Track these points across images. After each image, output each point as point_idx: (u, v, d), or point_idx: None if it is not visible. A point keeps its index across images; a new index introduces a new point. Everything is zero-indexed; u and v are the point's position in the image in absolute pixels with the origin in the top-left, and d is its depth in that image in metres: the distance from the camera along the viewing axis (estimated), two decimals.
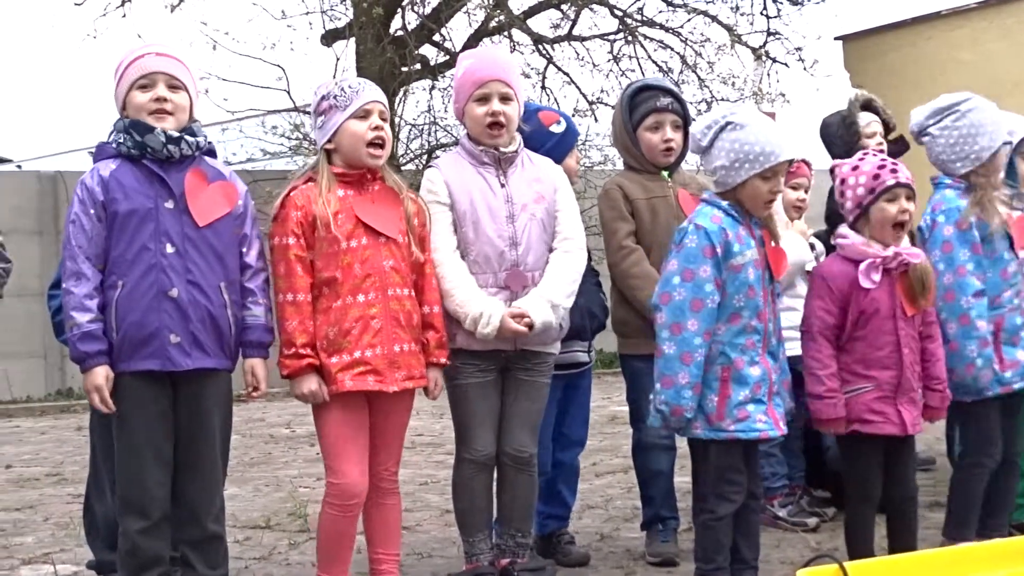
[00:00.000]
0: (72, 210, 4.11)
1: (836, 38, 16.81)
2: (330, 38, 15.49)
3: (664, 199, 5.14)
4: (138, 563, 4.11)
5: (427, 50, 15.70)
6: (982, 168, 4.83)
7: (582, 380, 5.21)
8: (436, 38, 15.69)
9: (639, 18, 15.97)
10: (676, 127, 5.21)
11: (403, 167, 14.14)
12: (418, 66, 15.36)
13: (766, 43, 16.22)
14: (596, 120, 15.88)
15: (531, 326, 4.51)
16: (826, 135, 6.39)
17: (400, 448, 4.54)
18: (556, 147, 5.03)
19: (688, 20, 16.24)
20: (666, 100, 5.23)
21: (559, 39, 16.11)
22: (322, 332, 4.28)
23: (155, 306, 4.05)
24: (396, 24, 15.28)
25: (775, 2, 16.14)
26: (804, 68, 16.25)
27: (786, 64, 16.34)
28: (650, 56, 16.05)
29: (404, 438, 4.57)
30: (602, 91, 16.22)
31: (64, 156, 18.96)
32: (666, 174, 5.23)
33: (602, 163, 15.24)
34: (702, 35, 16.25)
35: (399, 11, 15.21)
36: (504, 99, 4.63)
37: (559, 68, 16.18)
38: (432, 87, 15.84)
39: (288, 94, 14.54)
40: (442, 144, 15.08)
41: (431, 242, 4.53)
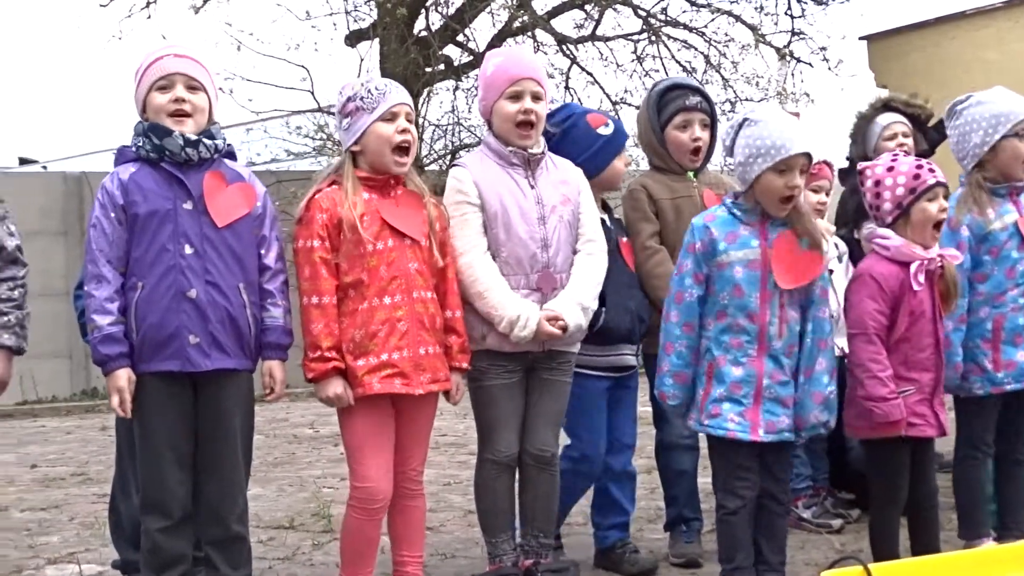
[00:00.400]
0: (93, 214, 4.12)
1: (861, 38, 16.74)
2: (354, 39, 15.52)
3: (689, 199, 5.13)
4: (160, 562, 4.12)
5: (451, 50, 15.72)
6: (990, 163, 4.83)
7: (630, 382, 5.14)
8: (460, 38, 15.70)
9: (663, 18, 15.96)
10: (704, 126, 5.22)
11: (427, 167, 14.15)
12: (442, 66, 15.38)
13: (790, 43, 16.20)
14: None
15: (565, 328, 4.52)
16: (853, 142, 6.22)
17: (425, 450, 4.53)
18: (603, 149, 4.99)
19: (712, 20, 16.25)
20: (695, 99, 5.24)
21: (583, 39, 16.11)
22: (348, 335, 4.26)
23: (174, 307, 4.06)
24: (420, 25, 15.31)
25: (799, 2, 16.14)
26: (829, 68, 16.27)
27: (810, 64, 16.35)
28: (674, 56, 16.04)
29: (429, 440, 4.56)
30: (626, 91, 16.25)
31: (89, 157, 19.03)
32: (692, 174, 5.22)
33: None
34: (726, 35, 16.26)
35: (423, 12, 15.23)
36: (535, 98, 4.62)
37: (583, 68, 16.21)
38: (456, 87, 15.88)
39: (312, 95, 14.60)
40: (466, 144, 15.10)
41: (460, 243, 4.52)
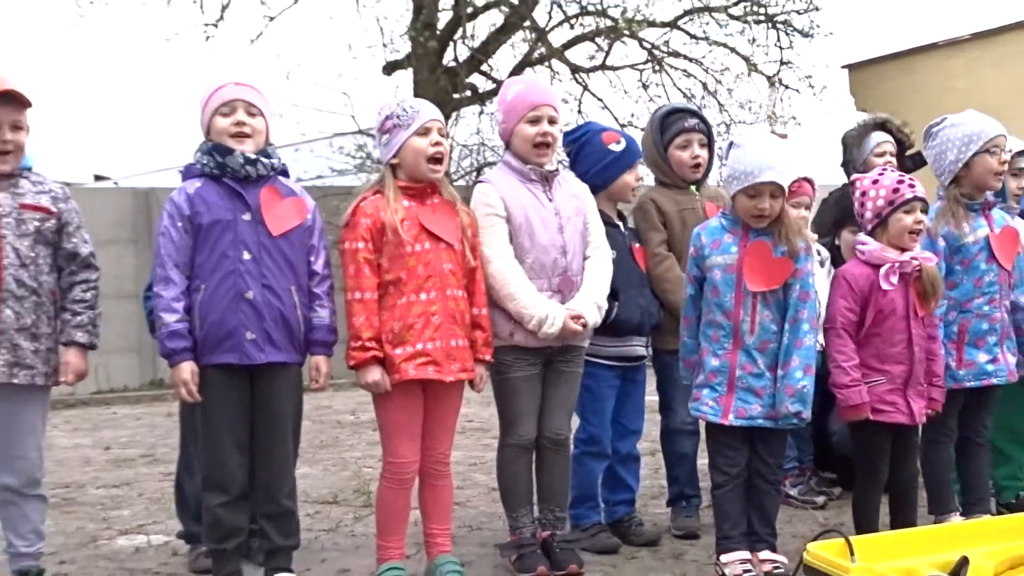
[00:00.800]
0: (162, 223, 4.14)
1: (843, 66, 16.71)
2: (390, 68, 15.55)
3: (693, 211, 5.14)
4: (220, 534, 4.16)
5: (476, 79, 15.72)
6: (965, 179, 4.82)
7: (638, 373, 5.13)
8: (484, 68, 15.71)
9: (665, 50, 15.93)
10: (702, 145, 5.24)
11: (455, 183, 14.14)
12: (468, 93, 15.39)
13: (779, 71, 16.14)
14: None
15: (586, 325, 4.54)
16: (845, 149, 6.22)
17: (452, 433, 4.53)
18: (614, 163, 5.00)
19: (709, 51, 16.19)
20: (693, 121, 5.26)
21: (594, 68, 16.09)
22: (387, 326, 4.27)
23: (233, 307, 4.08)
24: (448, 56, 15.34)
25: (788, 35, 16.06)
26: (814, 94, 16.18)
27: (797, 90, 16.28)
28: (675, 84, 16.02)
29: (455, 426, 4.56)
30: (632, 115, 16.18)
31: (155, 174, 19.08)
32: (694, 188, 5.23)
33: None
34: (722, 64, 16.21)
35: (451, 44, 15.25)
36: (551, 122, 4.63)
37: (594, 94, 16.16)
38: (481, 112, 15.86)
39: (353, 118, 14.62)
40: (490, 162, 15.08)
41: (490, 251, 4.52)
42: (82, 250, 4.31)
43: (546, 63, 15.57)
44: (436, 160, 4.37)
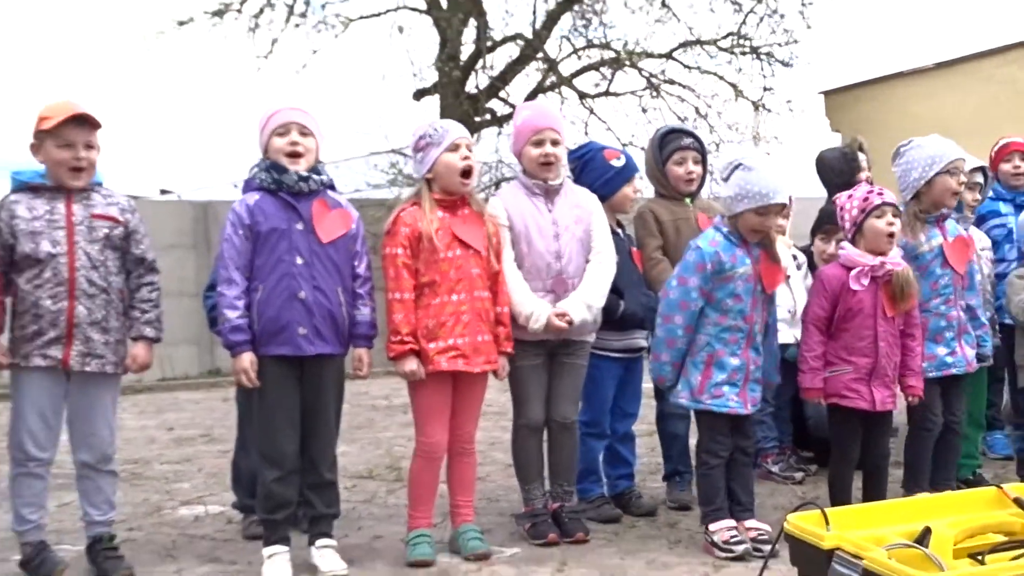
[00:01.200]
0: (225, 231, 4.17)
1: (819, 92, 16.63)
2: (419, 95, 15.57)
3: (686, 220, 5.15)
4: (272, 504, 4.18)
5: (495, 104, 15.72)
6: (925, 195, 4.82)
7: (638, 364, 5.15)
8: (502, 94, 15.70)
9: (662, 78, 15.88)
10: (696, 161, 5.24)
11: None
12: (488, 117, 15.40)
13: (763, 97, 16.08)
14: None
15: (571, 323, 4.53)
16: (823, 167, 6.19)
17: (477, 417, 4.54)
18: (614, 178, 5.01)
19: (701, 79, 16.11)
20: (689, 140, 5.28)
21: (599, 95, 16.05)
22: (423, 323, 4.30)
23: (287, 305, 4.11)
24: (471, 84, 15.34)
25: (770, 64, 15.99)
26: (793, 116, 16.12)
27: (779, 113, 16.22)
28: (671, 108, 15.92)
29: (480, 410, 4.57)
30: (632, 135, 16.13)
31: (212, 188, 19.14)
32: (688, 200, 5.23)
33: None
34: (712, 91, 16.10)
35: (473, 74, 15.26)
36: (554, 143, 4.64)
37: (599, 118, 16.15)
38: (499, 133, 15.85)
39: (386, 138, 14.66)
40: (507, 177, 15.07)
41: None
42: (148, 256, 4.34)
43: (556, 90, 15.56)
44: (466, 173, 4.38)
